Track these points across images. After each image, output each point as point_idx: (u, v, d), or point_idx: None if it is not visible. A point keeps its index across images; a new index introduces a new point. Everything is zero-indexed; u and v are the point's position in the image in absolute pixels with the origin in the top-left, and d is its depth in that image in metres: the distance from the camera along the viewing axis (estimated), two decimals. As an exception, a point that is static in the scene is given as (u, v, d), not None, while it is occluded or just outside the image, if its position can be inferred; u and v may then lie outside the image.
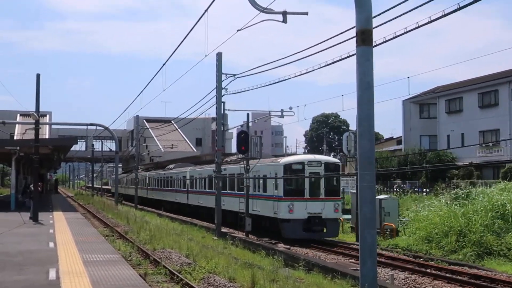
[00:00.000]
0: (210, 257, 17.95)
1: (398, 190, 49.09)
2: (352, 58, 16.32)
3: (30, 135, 56.69)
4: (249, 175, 29.14)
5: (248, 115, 33.76)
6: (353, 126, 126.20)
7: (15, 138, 73.44)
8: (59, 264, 15.77)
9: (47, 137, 76.37)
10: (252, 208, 29.91)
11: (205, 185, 39.48)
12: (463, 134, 53.28)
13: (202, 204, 40.17)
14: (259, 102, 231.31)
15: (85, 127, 56.11)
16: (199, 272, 15.94)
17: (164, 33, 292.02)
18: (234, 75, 30.29)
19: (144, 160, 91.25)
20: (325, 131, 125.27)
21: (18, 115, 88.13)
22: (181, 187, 45.88)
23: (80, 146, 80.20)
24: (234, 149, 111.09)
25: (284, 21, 13.26)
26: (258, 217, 29.99)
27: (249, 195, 29.82)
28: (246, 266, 16.34)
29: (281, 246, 25.41)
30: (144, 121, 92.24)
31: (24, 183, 54.88)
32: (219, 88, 30.33)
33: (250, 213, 29.68)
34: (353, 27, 13.48)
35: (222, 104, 30.55)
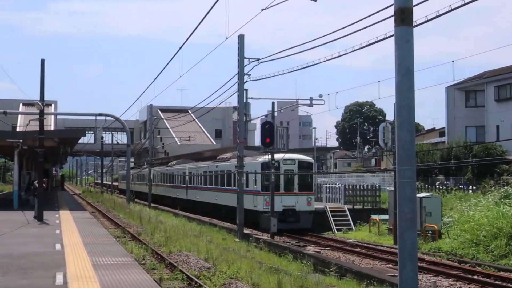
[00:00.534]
0: (231, 261, 18.02)
1: (440, 187, 48.73)
2: (389, 40, 16.22)
3: (34, 126, 57.38)
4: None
5: (273, 103, 33.72)
6: (390, 116, 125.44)
7: (18, 129, 74.29)
8: (67, 268, 15.95)
9: (52, 128, 77.23)
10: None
11: (201, 181, 46.04)
12: (514, 125, 52.66)
13: (198, 199, 46.30)
14: (285, 89, 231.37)
15: (93, 117, 56.67)
16: (220, 278, 16.01)
17: (180, 13, 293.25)
18: (257, 60, 30.29)
19: (158, 154, 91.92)
20: (358, 122, 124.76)
21: (21, 104, 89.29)
22: (181, 183, 51.74)
23: (88, 138, 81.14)
24: (257, 142, 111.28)
25: (314, -2, 13.22)
26: (233, 208, 35.18)
27: (229, 190, 37.07)
28: (272, 271, 16.38)
29: (310, 250, 25.44)
30: (158, 110, 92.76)
31: (27, 179, 55.62)
32: (241, 74, 30.35)
33: (229, 206, 36.33)
34: (391, 5, 13.38)
35: (244, 91, 30.59)
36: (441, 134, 72.59)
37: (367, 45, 17.43)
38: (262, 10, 20.19)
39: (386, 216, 34.50)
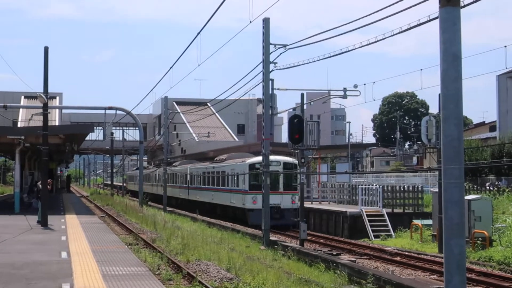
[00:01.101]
0: (256, 271, 18.03)
1: (491, 188, 48.30)
2: (433, 23, 16.07)
3: (37, 121, 57.88)
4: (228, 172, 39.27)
5: (302, 95, 33.58)
6: (434, 109, 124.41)
7: (19, 125, 75.01)
8: (74, 279, 16.07)
9: (57, 123, 77.74)
10: (230, 201, 43.82)
11: (200, 182, 52.61)
12: None
13: (198, 199, 52.52)
14: (315, 79, 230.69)
15: (102, 111, 56.89)
16: (243, 290, 16.05)
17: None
18: (284, 46, 30.20)
19: (174, 152, 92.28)
20: (398, 115, 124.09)
21: (23, 97, 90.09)
22: (183, 183, 58.14)
23: (96, 134, 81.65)
24: (284, 138, 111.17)
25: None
26: (230, 207, 44.46)
27: (226, 189, 44.05)
28: (301, 283, 16.38)
29: (344, 258, 25.38)
30: (174, 103, 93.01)
31: (30, 180, 56.10)
32: (266, 62, 30.31)
33: (226, 204, 43.75)
34: (435, -16, 13.28)
35: (270, 81, 30.54)
36: (492, 129, 71.91)
37: (408, 29, 17.32)
38: (289, -10, 20.15)
39: (429, 221, 34.26)
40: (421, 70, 36.03)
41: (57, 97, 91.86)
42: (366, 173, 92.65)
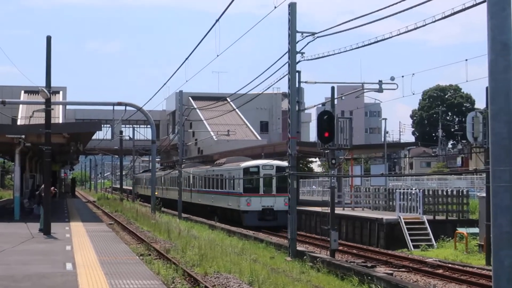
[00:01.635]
0: (282, 285, 18.05)
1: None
2: (480, 7, 16.00)
3: (39, 119, 58.23)
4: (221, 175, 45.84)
5: (332, 88, 33.65)
6: (480, 103, 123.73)
7: (19, 123, 75.46)
8: (80, 293, 16.14)
9: (60, 121, 78.28)
10: (227, 203, 50.35)
11: (202, 185, 59.53)
12: None
13: (200, 202, 59.01)
14: (347, 71, 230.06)
15: (110, 107, 57.10)
16: (268, 306, 16.07)
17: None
18: (313, 34, 30.13)
19: (190, 152, 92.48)
20: (440, 111, 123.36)
21: (23, 92, 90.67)
22: (187, 186, 63.90)
23: (104, 133, 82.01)
24: (312, 136, 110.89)
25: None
26: (228, 209, 50.93)
27: (224, 192, 51.04)
28: (332, 298, 16.36)
29: (381, 271, 25.31)
30: (190, 99, 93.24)
31: (31, 183, 56.44)
32: (292, 52, 30.28)
33: (224, 207, 50.99)
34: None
35: (296, 74, 30.49)
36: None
37: (452, 14, 17.24)
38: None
39: (476, 230, 34.03)
40: (466, 60, 35.76)
41: (61, 92, 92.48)
42: (405, 175, 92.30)
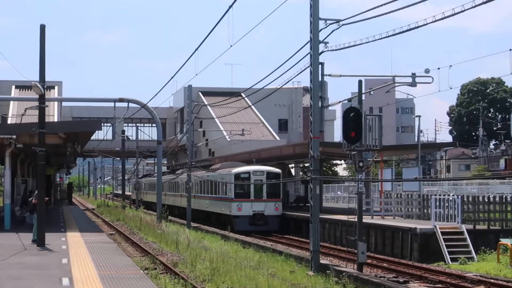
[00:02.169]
0: (303, 303, 18.00)
1: None
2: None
3: (32, 117, 58.42)
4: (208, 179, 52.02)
5: (360, 82, 33.59)
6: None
7: (10, 121, 75.84)
8: (78, 311, 16.17)
9: (56, 119, 78.48)
10: (220, 208, 56.59)
11: (198, 190, 65.49)
12: None
13: (196, 207, 62.96)
14: (376, 63, 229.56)
15: (111, 104, 57.25)
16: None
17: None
18: (337, 22, 30.08)
19: (200, 154, 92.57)
20: (481, 107, 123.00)
21: (14, 87, 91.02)
22: (184, 191, 67.30)
23: (104, 133, 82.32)
24: (337, 136, 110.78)
25: None
26: (221, 215, 57.00)
27: (217, 197, 57.19)
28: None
29: (414, 287, 25.22)
30: (200, 94, 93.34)
31: (23, 189, 56.55)
32: (314, 42, 30.23)
33: (218, 212, 57.49)
34: None
35: (319, 66, 30.45)
36: None
37: (494, -2, 17.11)
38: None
39: (519, 240, 33.90)
40: (510, 50, 35.67)
41: (56, 87, 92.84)
42: (441, 179, 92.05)
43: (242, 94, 72.70)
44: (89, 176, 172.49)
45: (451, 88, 35.72)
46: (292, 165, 76.79)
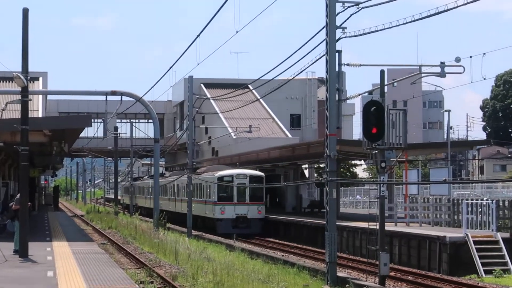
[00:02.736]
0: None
1: None
2: None
3: (13, 112, 58.51)
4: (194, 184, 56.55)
5: (382, 73, 33.38)
6: None
7: (-11, 117, 75.91)
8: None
9: (40, 115, 78.48)
10: (205, 212, 62.34)
11: (185, 194, 69.03)
12: None
13: (183, 211, 66.55)
14: (400, 51, 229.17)
15: (103, 97, 57.33)
16: None
17: None
18: (357, 4, 30.11)
19: (202, 154, 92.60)
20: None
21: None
22: (171, 195, 76.62)
23: (95, 130, 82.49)
24: (356, 133, 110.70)
25: None
26: (206, 218, 62.63)
27: (202, 201, 63.13)
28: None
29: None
30: (203, 86, 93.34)
31: (3, 193, 56.56)
32: (331, 27, 30.23)
33: (203, 215, 62.79)
34: None
35: (336, 54, 30.44)
36: None
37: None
38: None
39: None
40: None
41: (41, 79, 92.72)
42: (473, 182, 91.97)
43: (249, 86, 72.93)
44: (78, 178, 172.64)
45: (484, 79, 35.62)
46: (306, 165, 76.87)
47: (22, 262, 30.96)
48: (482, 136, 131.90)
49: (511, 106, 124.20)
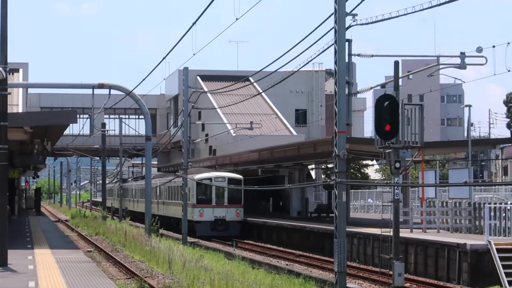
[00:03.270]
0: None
1: None
2: None
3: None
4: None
5: (396, 64, 33.47)
6: None
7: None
8: None
9: (20, 110, 78.59)
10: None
11: (166, 196, 77.44)
12: None
13: (165, 214, 75.41)
14: (416, 40, 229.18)
15: (89, 91, 57.35)
16: None
17: None
18: (368, -12, 30.17)
19: (199, 152, 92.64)
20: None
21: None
22: (154, 198, 78.65)
23: (80, 126, 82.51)
24: (368, 131, 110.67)
25: None
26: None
27: (180, 203, 62.58)
28: None
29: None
30: (199, 79, 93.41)
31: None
32: (340, 14, 30.29)
33: (177, 217, 66.34)
34: None
35: (346, 44, 30.49)
36: None
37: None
38: None
39: None
40: None
41: (21, 70, 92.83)
42: (497, 184, 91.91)
43: (250, 78, 72.90)
44: (62, 180, 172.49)
45: (509, 71, 35.68)
46: (312, 166, 76.83)
47: (1, 272, 31.01)
48: (506, 133, 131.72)
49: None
